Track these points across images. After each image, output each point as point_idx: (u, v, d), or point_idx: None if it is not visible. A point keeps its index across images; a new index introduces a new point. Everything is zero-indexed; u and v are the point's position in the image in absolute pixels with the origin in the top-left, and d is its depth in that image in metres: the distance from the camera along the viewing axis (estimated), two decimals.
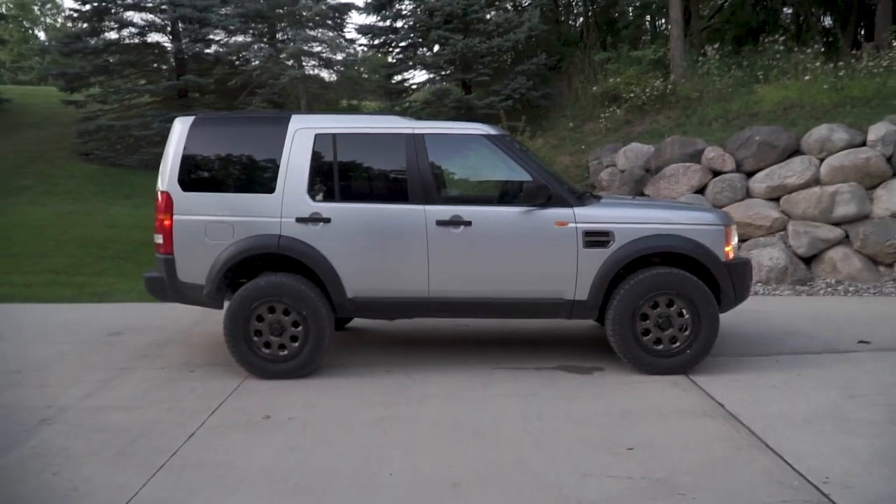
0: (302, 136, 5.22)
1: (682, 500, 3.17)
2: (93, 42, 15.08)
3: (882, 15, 14.06)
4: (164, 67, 16.15)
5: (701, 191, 9.28)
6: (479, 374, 5.16)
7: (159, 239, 5.32)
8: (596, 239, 4.98)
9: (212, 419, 4.39)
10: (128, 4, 15.30)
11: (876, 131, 8.59)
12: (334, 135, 5.24)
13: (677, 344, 5.00)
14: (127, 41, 15.74)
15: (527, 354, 5.65)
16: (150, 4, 15.36)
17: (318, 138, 5.22)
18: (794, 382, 4.78)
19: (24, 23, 40.45)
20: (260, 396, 4.80)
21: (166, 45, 15.91)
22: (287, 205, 5.14)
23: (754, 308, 6.77)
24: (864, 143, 8.65)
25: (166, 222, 5.26)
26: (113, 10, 15.41)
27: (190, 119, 5.43)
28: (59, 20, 42.35)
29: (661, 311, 4.99)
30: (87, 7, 15.29)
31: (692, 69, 12.36)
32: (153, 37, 15.98)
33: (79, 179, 14.74)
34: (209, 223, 5.20)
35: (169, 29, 15.46)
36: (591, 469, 3.52)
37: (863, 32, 17.46)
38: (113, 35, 15.62)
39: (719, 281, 4.97)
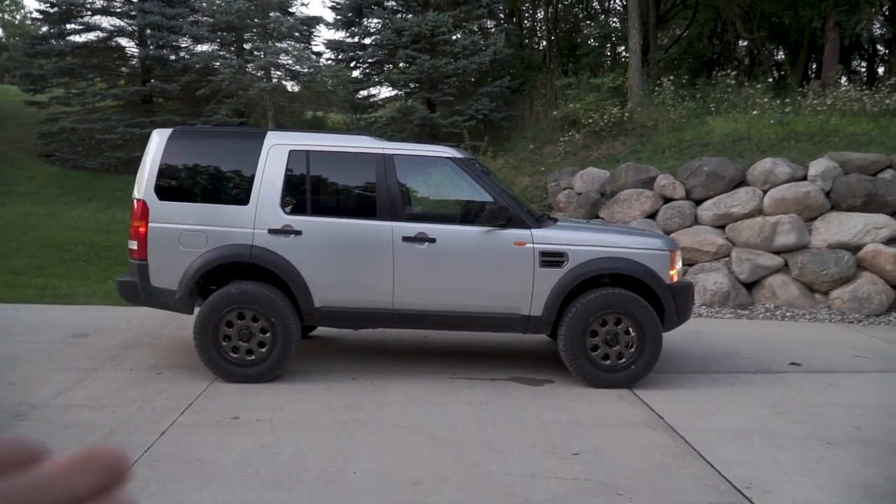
0: (277, 151, 5.47)
1: (620, 500, 3.51)
2: (57, 44, 15.00)
3: (830, 54, 14.88)
4: (128, 72, 16.13)
5: (653, 216, 9.75)
6: (437, 383, 5.45)
7: (133, 245, 5.48)
8: (551, 259, 5.33)
9: (182, 418, 4.57)
10: (96, 8, 15.30)
11: (816, 167, 9.19)
12: (308, 152, 5.50)
13: (623, 360, 5.38)
14: (93, 45, 15.70)
15: (482, 366, 5.97)
16: (119, 10, 15.38)
17: (292, 154, 5.47)
18: (728, 399, 5.20)
19: None
20: (228, 398, 4.99)
21: (132, 50, 15.93)
22: (260, 217, 5.37)
23: (697, 329, 7.23)
24: (805, 178, 9.23)
25: (141, 229, 5.44)
26: (80, 14, 15.40)
27: (168, 131, 5.64)
28: (18, 17, 41.48)
29: (610, 329, 5.36)
30: (54, 10, 15.24)
31: (648, 98, 12.93)
32: (119, 41, 15.99)
33: (40, 181, 14.61)
34: (183, 231, 5.39)
35: (136, 34, 15.48)
36: (540, 471, 3.84)
37: (814, 67, 18.39)
38: (79, 38, 15.58)
39: (663, 302, 5.37)
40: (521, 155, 12.83)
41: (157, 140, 5.59)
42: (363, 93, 15.24)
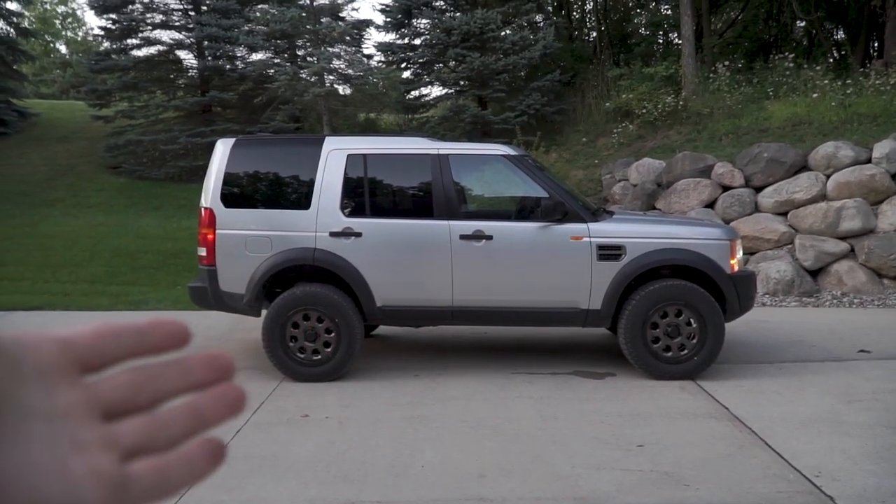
0: (335, 156, 5.64)
1: (686, 490, 3.53)
2: (120, 59, 15.62)
3: (891, 32, 14.30)
4: (187, 84, 16.65)
5: (711, 205, 9.61)
6: (498, 378, 5.53)
7: (203, 251, 5.73)
8: (609, 252, 5.35)
9: (255, 417, 4.77)
10: (155, 23, 15.86)
11: (881, 148, 8.90)
12: (365, 155, 5.65)
13: (685, 351, 5.35)
14: (153, 58, 16.28)
15: (543, 361, 6.02)
16: (178, 24, 15.91)
17: (350, 158, 5.63)
18: (794, 388, 5.12)
19: (46, 36, 41.33)
20: (297, 397, 5.18)
21: (191, 62, 16.44)
22: (321, 220, 5.55)
23: (761, 319, 7.10)
24: (869, 160, 8.96)
25: (209, 236, 5.67)
26: (140, 29, 15.98)
27: (231, 140, 5.87)
28: (81, 34, 43.19)
29: (671, 321, 5.34)
30: (116, 26, 15.87)
31: (703, 85, 12.69)
32: (178, 54, 16.52)
33: (109, 192, 15.25)
34: (249, 237, 5.61)
35: (195, 46, 15.97)
36: (604, 463, 3.88)
37: (875, 46, 17.71)
38: (140, 53, 16.17)
39: (725, 292, 5.32)
40: (575, 148, 12.77)
41: (222, 150, 5.81)
42: (414, 93, 15.39)
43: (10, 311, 8.67)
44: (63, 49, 44.46)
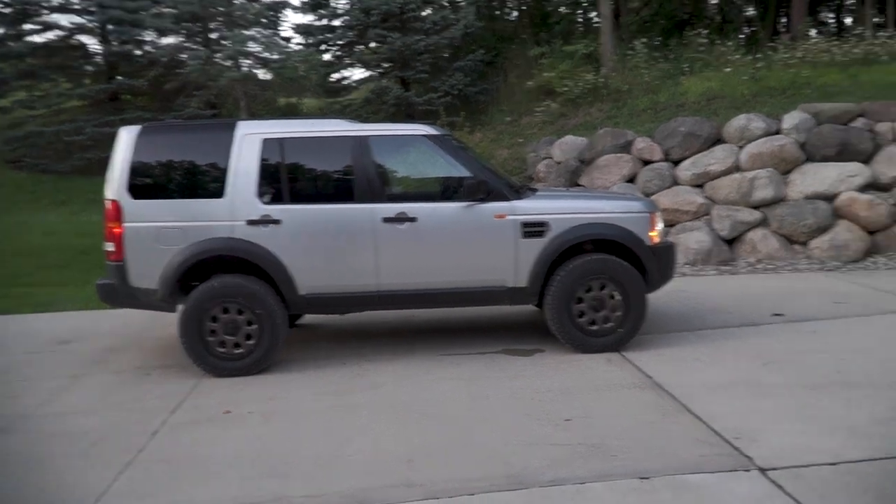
0: (249, 141, 5.41)
1: (614, 461, 3.55)
2: (15, 45, 14.66)
3: (798, 7, 14.88)
4: (93, 71, 15.80)
5: (632, 180, 9.78)
6: (426, 361, 5.46)
7: (110, 247, 5.40)
8: (533, 230, 5.34)
9: (174, 417, 4.55)
10: (53, 6, 14.94)
11: (790, 120, 9.24)
12: (281, 139, 5.44)
13: (610, 324, 5.41)
14: (53, 44, 15.36)
15: (472, 341, 5.99)
16: (78, 6, 15.03)
17: (266, 143, 5.41)
18: (714, 354, 5.26)
19: None
20: (218, 393, 4.97)
21: (96, 47, 15.61)
22: (237, 208, 5.33)
23: (682, 288, 7.30)
24: (779, 131, 9.29)
25: (116, 230, 5.36)
26: (37, 13, 15.03)
27: (136, 128, 5.55)
28: None
29: (595, 295, 5.39)
30: (9, 10, 14.87)
31: (622, 63, 12.87)
32: (81, 39, 15.64)
33: (8, 188, 14.35)
34: (160, 229, 5.33)
35: (98, 31, 15.17)
36: (535, 439, 3.88)
37: (783, 21, 18.39)
38: (38, 38, 15.23)
39: (646, 264, 5.41)
40: (499, 128, 12.77)
41: (126, 138, 5.50)
42: (336, 76, 15.06)
43: None
44: None
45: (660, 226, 5.66)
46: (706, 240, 8.67)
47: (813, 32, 14.34)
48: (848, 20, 19.23)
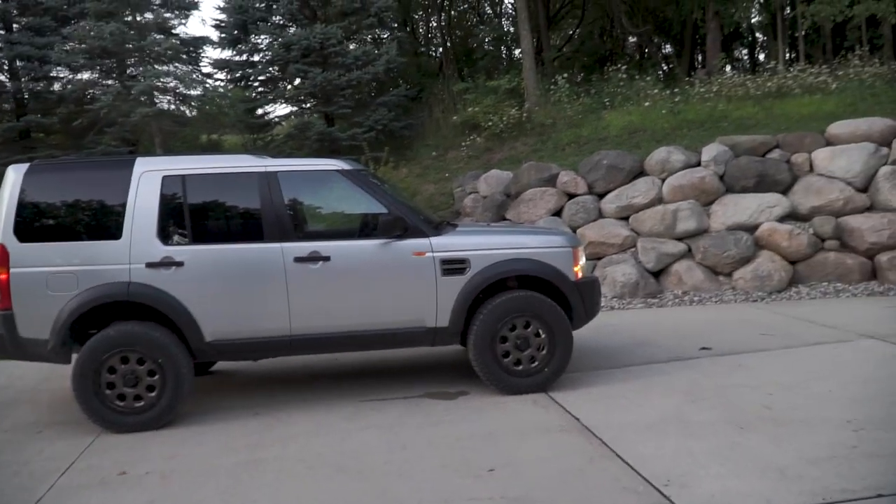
0: (148, 178, 5.07)
1: None
2: None
3: (712, 43, 15.43)
4: (3, 108, 15.02)
5: (558, 213, 9.76)
6: (345, 408, 5.15)
7: None
8: (453, 266, 5.13)
9: (62, 480, 4.15)
10: None
11: (709, 152, 9.41)
12: (183, 176, 5.12)
13: (535, 363, 5.22)
14: None
15: (394, 384, 5.70)
16: None
17: (166, 180, 5.08)
18: (641, 391, 5.11)
19: None
20: (116, 452, 4.56)
21: (5, 83, 14.84)
22: (136, 250, 4.96)
23: (608, 322, 7.20)
24: (699, 163, 9.44)
25: (1, 276, 4.94)
26: None
27: (24, 167, 5.16)
28: None
29: (519, 333, 5.19)
30: None
31: (545, 97, 13.01)
32: None
33: None
34: (50, 274, 4.92)
35: (6, 67, 14.45)
36: (453, 494, 3.60)
37: (699, 58, 19.08)
38: None
39: (570, 300, 5.26)
40: (425, 163, 12.66)
41: (13, 177, 5.10)
42: (259, 112, 14.71)
43: None
44: None
45: (583, 260, 5.54)
46: (632, 272, 8.66)
47: (728, 68, 14.89)
48: (761, 56, 20.13)
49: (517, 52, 17.21)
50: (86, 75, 14.40)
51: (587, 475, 3.73)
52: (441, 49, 18.70)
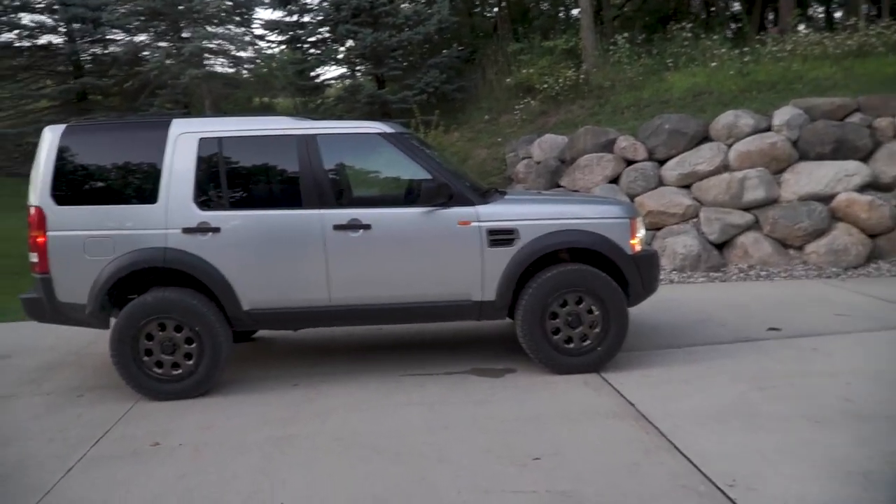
0: (185, 141, 4.87)
1: None
2: None
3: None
4: (61, 71, 15.22)
5: (615, 180, 9.28)
6: (386, 382, 4.93)
7: (34, 257, 4.93)
8: (500, 237, 4.81)
9: (95, 449, 4.06)
10: (15, 6, 14.31)
11: (781, 116, 8.74)
12: (220, 138, 4.91)
13: (588, 342, 4.88)
14: (17, 44, 14.75)
15: (437, 358, 5.45)
16: (41, 5, 14.42)
17: (203, 143, 4.88)
18: (704, 375, 4.71)
19: None
20: (151, 420, 4.47)
21: (62, 46, 15.00)
22: (172, 215, 4.79)
23: (669, 297, 6.76)
24: (769, 128, 8.79)
25: (40, 239, 4.87)
26: None
27: (61, 127, 5.03)
28: None
29: (571, 309, 4.85)
30: None
31: (603, 58, 12.40)
32: (48, 39, 15.05)
33: None
34: (88, 238, 4.81)
35: (64, 30, 14.57)
36: (494, 484, 3.34)
37: (771, 17, 17.98)
38: (1, 38, 14.61)
39: (627, 275, 4.88)
40: (477, 127, 12.26)
41: (51, 138, 4.98)
42: (310, 74, 14.49)
43: None
44: None
45: (641, 232, 5.14)
46: (694, 244, 8.16)
47: (802, 27, 13.92)
48: (838, 14, 18.83)
49: (575, 11, 16.47)
50: (139, 38, 14.44)
51: (642, 469, 3.40)
52: (496, 8, 18.07)
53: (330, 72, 14.17)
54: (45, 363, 5.93)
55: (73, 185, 4.92)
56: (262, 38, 14.86)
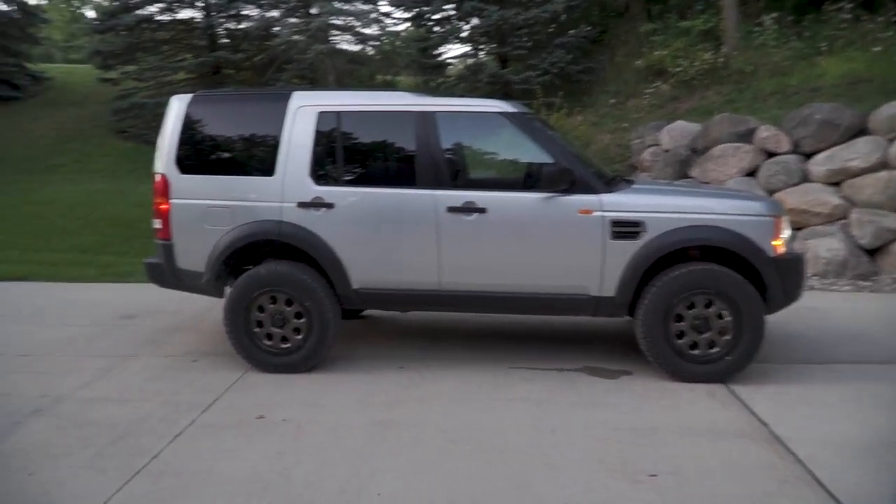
0: (304, 114, 4.82)
1: None
2: (123, 19, 14.89)
3: None
4: (198, 44, 15.93)
5: (752, 174, 8.57)
6: (494, 374, 4.72)
7: (157, 224, 5.08)
8: (625, 229, 4.45)
9: (203, 417, 4.13)
10: None
11: None
12: (339, 112, 4.82)
13: (716, 349, 4.45)
14: (159, 19, 15.55)
15: (549, 353, 5.17)
16: None
17: (322, 117, 4.81)
18: (851, 399, 4.17)
19: (74, 2, 40.82)
20: (259, 392, 4.51)
21: (199, 21, 15.68)
22: (288, 188, 4.77)
23: (809, 305, 6.06)
24: None
25: (163, 206, 5.00)
26: None
27: (188, 97, 5.14)
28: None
29: (699, 312, 4.43)
30: None
31: (746, 40, 11.51)
32: (187, 13, 15.78)
33: (113, 157, 14.72)
34: (208, 207, 4.90)
35: (201, 5, 15.21)
36: (604, 499, 3.06)
37: None
38: (145, 11, 15.44)
39: (766, 279, 4.39)
40: (602, 111, 11.73)
41: (177, 107, 5.09)
42: (433, 52, 14.41)
43: None
44: (92, 15, 43.89)
45: (786, 232, 4.61)
46: (841, 248, 7.38)
47: None
48: None
49: None
50: (271, 13, 14.84)
51: (776, 502, 3.01)
52: None
53: (452, 50, 13.98)
54: (167, 326, 6.14)
55: (196, 154, 5.01)
56: (387, 15, 14.93)
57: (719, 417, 3.94)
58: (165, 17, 15.55)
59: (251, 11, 15.27)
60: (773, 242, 4.41)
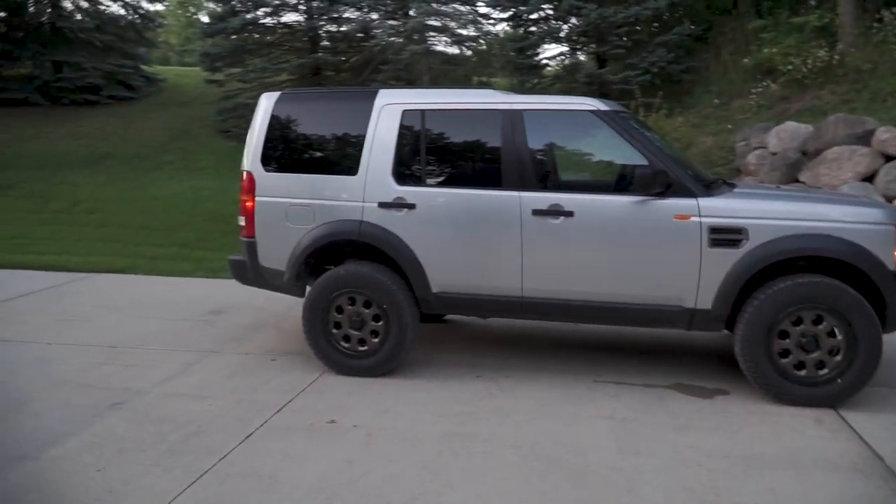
0: (389, 112, 4.73)
1: None
2: (230, 23, 15.46)
3: None
4: (298, 47, 16.35)
5: (869, 178, 7.91)
6: (576, 387, 4.47)
7: (242, 221, 5.10)
8: (725, 237, 4.11)
9: (276, 418, 4.08)
10: None
11: None
12: (423, 111, 4.70)
13: (825, 370, 4.04)
14: (263, 21, 16.05)
15: (636, 366, 4.87)
16: None
17: (406, 115, 4.70)
18: None
19: (190, 7, 43.04)
20: (332, 395, 4.44)
21: (302, 24, 16.08)
22: (370, 188, 4.69)
23: None
24: None
25: (248, 204, 5.02)
26: None
27: (276, 95, 5.14)
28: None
29: (806, 329, 4.04)
30: None
31: (864, 37, 10.67)
32: (291, 17, 16.23)
33: (217, 156, 15.26)
34: (291, 206, 4.87)
35: (304, 8, 15.59)
36: None
37: None
38: (251, 15, 15.98)
39: (885, 295, 3.94)
40: (705, 111, 11.16)
41: (266, 105, 5.10)
42: (529, 52, 14.16)
43: (92, 273, 8.54)
44: (206, 20, 46.15)
45: None
46: None
47: None
48: None
49: None
50: (371, 16, 15.03)
51: None
52: None
53: (549, 51, 13.70)
54: (251, 323, 6.21)
55: (281, 151, 5.01)
56: (485, 16, 14.81)
57: (828, 448, 3.55)
58: (270, 21, 16.02)
59: (351, 14, 15.53)
60: (895, 254, 3.96)
